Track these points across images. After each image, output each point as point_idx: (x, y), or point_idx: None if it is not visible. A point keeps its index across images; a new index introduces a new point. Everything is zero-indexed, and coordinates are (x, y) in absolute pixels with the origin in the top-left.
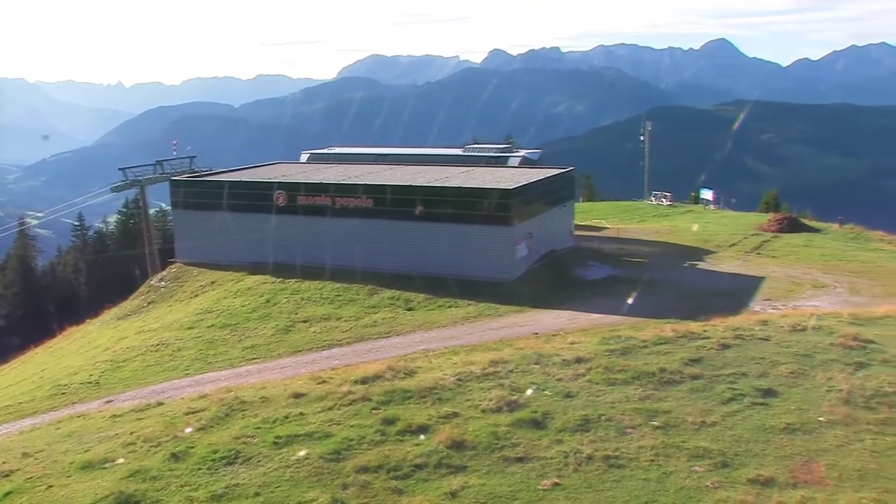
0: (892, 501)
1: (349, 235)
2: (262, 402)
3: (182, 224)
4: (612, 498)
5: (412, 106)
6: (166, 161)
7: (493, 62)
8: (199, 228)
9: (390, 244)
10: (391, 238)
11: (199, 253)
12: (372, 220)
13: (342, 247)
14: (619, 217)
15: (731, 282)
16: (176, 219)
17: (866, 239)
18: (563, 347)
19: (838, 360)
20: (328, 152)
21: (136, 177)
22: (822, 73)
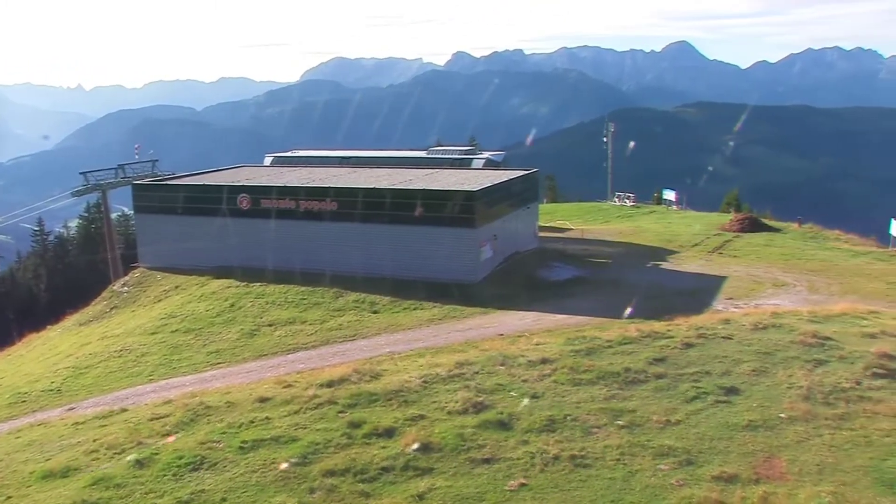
0: (848, 494)
1: (313, 239)
2: (227, 406)
3: (145, 228)
4: (578, 497)
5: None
6: (128, 165)
7: (457, 64)
8: (163, 233)
9: (355, 247)
10: (356, 241)
11: (163, 257)
12: (336, 223)
13: (307, 250)
14: (582, 218)
15: (694, 281)
16: (138, 223)
17: (824, 238)
18: (529, 348)
19: (798, 357)
20: (292, 155)
21: (98, 181)
22: (780, 75)
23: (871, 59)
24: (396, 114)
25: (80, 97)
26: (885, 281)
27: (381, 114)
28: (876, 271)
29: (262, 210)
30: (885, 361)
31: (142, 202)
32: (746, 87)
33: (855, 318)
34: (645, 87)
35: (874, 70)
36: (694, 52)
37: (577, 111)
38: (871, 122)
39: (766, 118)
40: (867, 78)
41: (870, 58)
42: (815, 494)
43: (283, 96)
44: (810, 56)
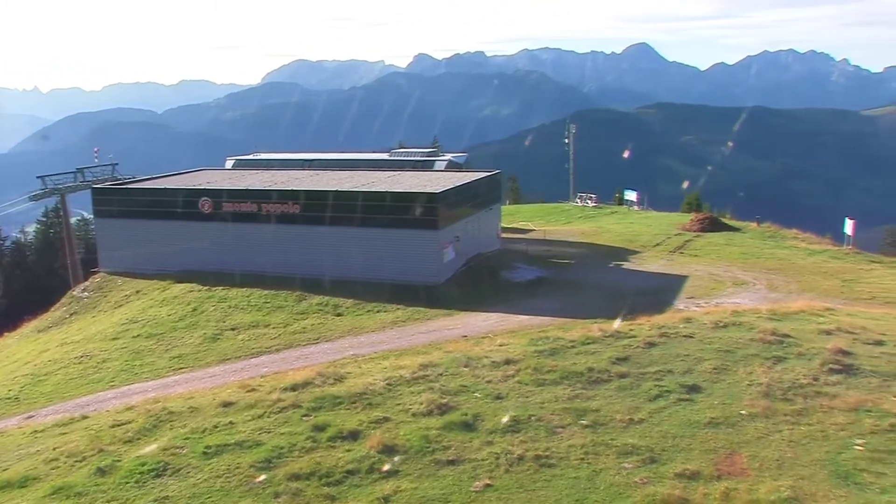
0: (805, 487)
1: (276, 242)
2: (190, 412)
3: (105, 233)
4: (543, 497)
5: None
6: (87, 168)
7: (419, 66)
8: (123, 237)
9: (318, 250)
10: (318, 244)
11: (124, 262)
12: (299, 226)
13: (270, 253)
14: (545, 219)
15: (656, 281)
16: (99, 227)
17: (782, 237)
18: (492, 349)
19: (758, 354)
20: (254, 158)
21: (56, 185)
22: (737, 77)
23: (824, 61)
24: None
25: (36, 100)
26: (840, 278)
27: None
28: (831, 269)
29: (224, 213)
30: (841, 357)
31: (102, 206)
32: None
33: (812, 315)
34: (606, 88)
35: (827, 72)
36: (653, 54)
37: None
38: (825, 123)
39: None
40: (820, 80)
41: (822, 61)
42: (775, 489)
43: (245, 99)
44: (766, 58)
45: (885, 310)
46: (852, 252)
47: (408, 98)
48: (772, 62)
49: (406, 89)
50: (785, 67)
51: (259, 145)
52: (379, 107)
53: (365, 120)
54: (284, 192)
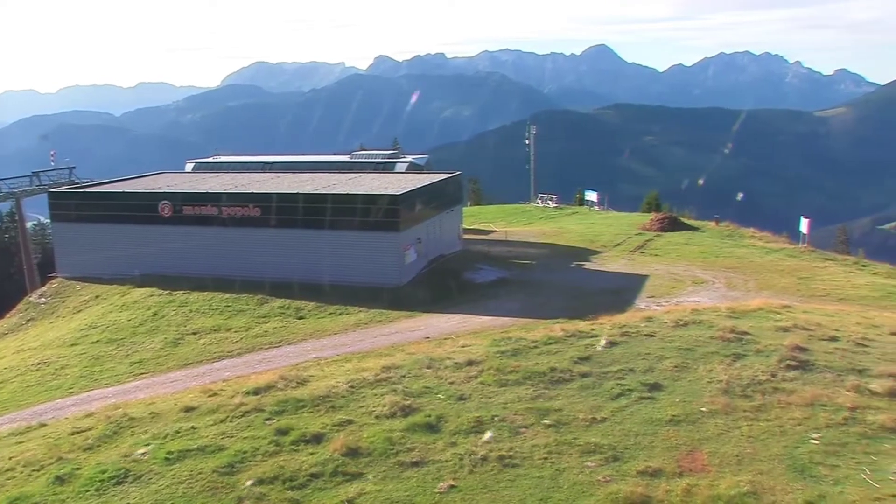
0: (764, 481)
1: (238, 245)
2: (151, 417)
3: (62, 237)
4: (507, 497)
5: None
6: (43, 172)
7: (379, 68)
8: (81, 242)
9: (279, 253)
10: (280, 247)
11: (82, 267)
12: (260, 229)
13: (231, 257)
14: (506, 220)
15: (617, 280)
16: (56, 232)
17: (740, 236)
18: (455, 350)
19: (718, 352)
20: (213, 161)
21: (11, 189)
22: (695, 78)
23: (778, 63)
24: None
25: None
26: (797, 276)
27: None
28: (788, 267)
29: (185, 217)
30: (797, 353)
31: (59, 210)
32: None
33: (770, 312)
34: (565, 89)
35: (781, 74)
36: (612, 56)
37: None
38: (780, 124)
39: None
40: (775, 81)
41: (777, 62)
42: (735, 484)
43: (204, 101)
44: (723, 60)
45: (839, 306)
46: (807, 250)
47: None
48: (728, 64)
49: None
50: (741, 69)
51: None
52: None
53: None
54: (245, 196)
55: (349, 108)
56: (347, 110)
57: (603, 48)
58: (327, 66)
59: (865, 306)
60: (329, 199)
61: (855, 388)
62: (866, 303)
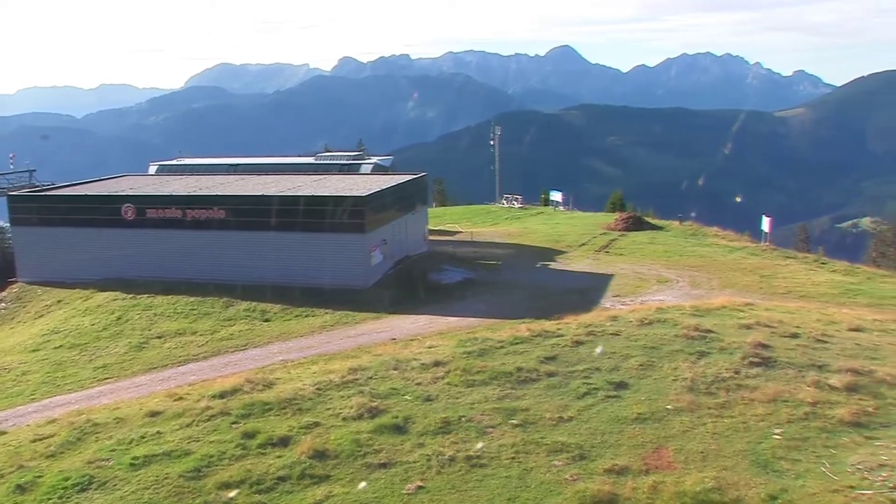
0: (729, 477)
1: (202, 248)
2: (116, 423)
3: (23, 242)
4: (475, 497)
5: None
6: (2, 175)
7: (344, 69)
8: (43, 246)
9: (245, 255)
10: (245, 249)
11: (44, 271)
12: (225, 232)
13: (196, 260)
14: (472, 221)
15: (582, 280)
16: (16, 236)
17: (703, 235)
18: (422, 351)
19: (682, 350)
20: (177, 163)
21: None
22: (658, 78)
23: (739, 64)
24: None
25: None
26: (759, 274)
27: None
28: (750, 265)
29: (148, 220)
30: (760, 350)
31: (19, 214)
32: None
33: (733, 310)
34: (530, 90)
35: (742, 75)
36: (576, 56)
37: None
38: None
39: (646, 120)
40: (737, 82)
41: (738, 63)
42: (700, 480)
43: (167, 103)
44: (685, 61)
45: (800, 303)
46: (769, 248)
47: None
48: (690, 65)
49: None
50: (703, 70)
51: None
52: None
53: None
54: (210, 198)
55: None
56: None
57: (567, 49)
58: (292, 68)
59: (825, 303)
60: (294, 200)
61: (815, 383)
62: (825, 300)
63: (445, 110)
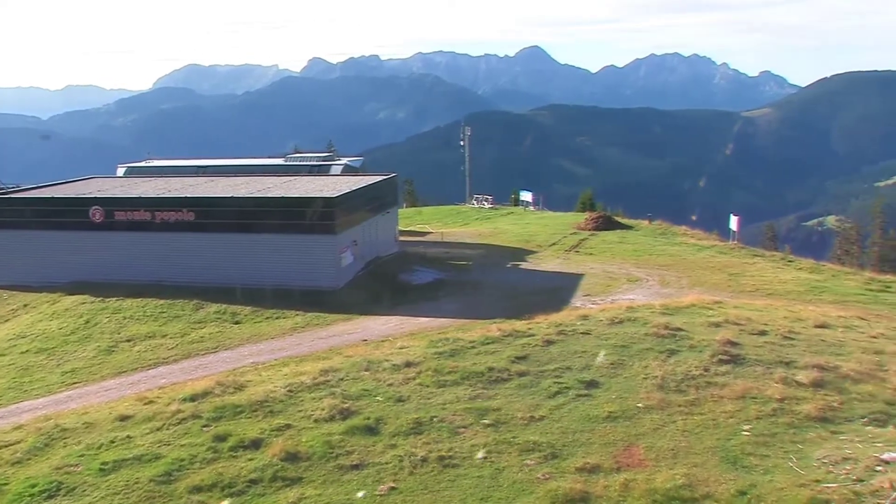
0: (699, 473)
1: (172, 250)
2: (85, 427)
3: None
4: (448, 497)
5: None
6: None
7: (313, 70)
8: (8, 249)
9: (214, 257)
10: (215, 251)
11: (9, 275)
12: (195, 234)
13: (165, 262)
14: (442, 221)
15: (553, 280)
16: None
17: (672, 234)
18: (393, 352)
19: (652, 348)
20: (146, 165)
21: None
22: (626, 79)
23: (706, 65)
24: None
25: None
26: (727, 273)
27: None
28: (719, 264)
29: (117, 222)
30: (729, 348)
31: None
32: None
33: (702, 308)
34: (500, 90)
35: (710, 75)
36: (546, 57)
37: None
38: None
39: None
40: (704, 82)
41: (705, 64)
42: (671, 477)
43: (135, 104)
44: (654, 61)
45: (768, 301)
46: (737, 247)
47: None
48: (659, 65)
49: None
50: (671, 70)
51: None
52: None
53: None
54: (179, 200)
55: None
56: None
57: (536, 49)
58: (261, 69)
59: (792, 300)
60: (264, 202)
61: (783, 379)
62: (792, 297)
63: (415, 111)
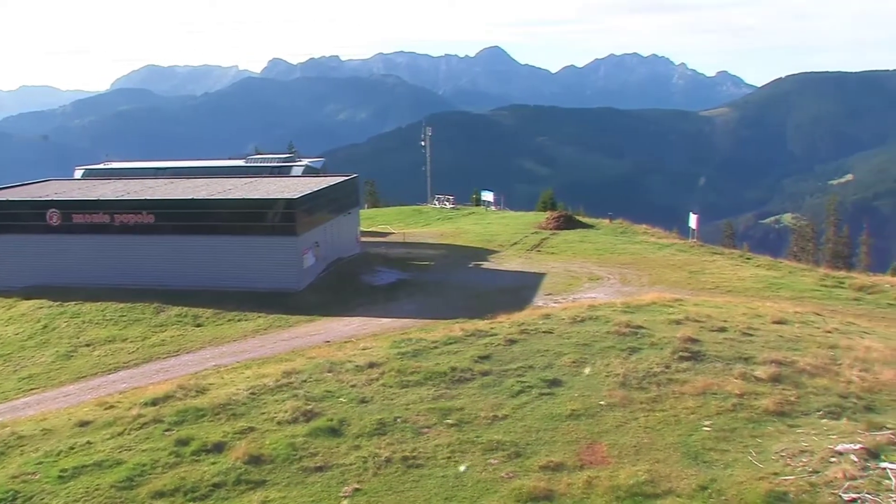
0: (661, 469)
1: (132, 253)
2: (42, 434)
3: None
4: (412, 498)
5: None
6: None
7: (273, 71)
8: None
9: (175, 260)
10: (176, 253)
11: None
12: (155, 236)
13: (125, 265)
14: (404, 222)
15: (515, 279)
16: None
17: (633, 232)
18: (356, 353)
19: (614, 346)
20: (105, 167)
21: None
22: (586, 79)
23: (665, 65)
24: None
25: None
26: (687, 270)
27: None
28: (679, 262)
29: (75, 225)
30: (689, 345)
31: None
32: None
33: (663, 306)
34: (460, 91)
35: (668, 75)
36: (506, 57)
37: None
38: (668, 123)
39: (575, 119)
40: (663, 82)
41: (664, 64)
42: (634, 474)
43: (93, 106)
44: (613, 61)
45: (727, 298)
46: (697, 245)
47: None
48: (618, 65)
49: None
50: (630, 70)
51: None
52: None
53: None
54: (138, 202)
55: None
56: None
57: (497, 50)
58: (220, 69)
59: (750, 297)
60: (225, 204)
61: (742, 375)
62: (751, 294)
63: (376, 112)
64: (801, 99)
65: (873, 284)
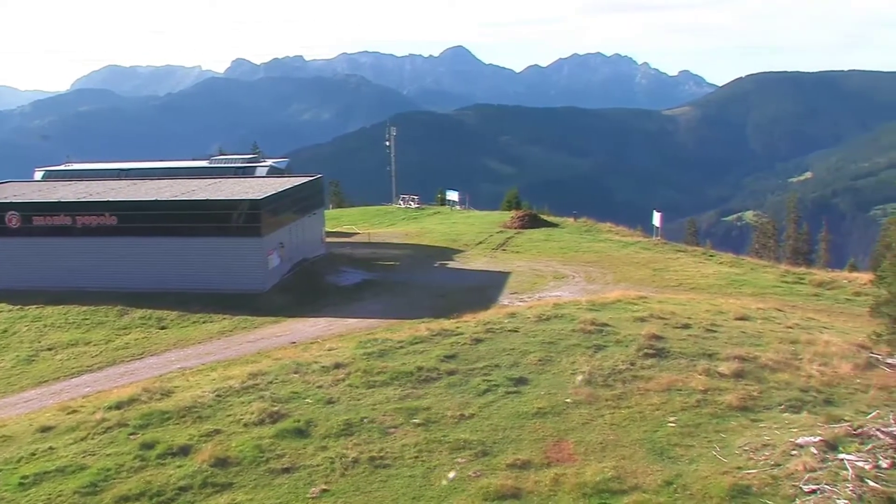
0: (627, 466)
1: (94, 255)
2: (2, 441)
3: None
4: (380, 498)
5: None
6: None
7: (237, 71)
8: None
9: (139, 262)
10: (139, 255)
11: None
12: (117, 238)
13: (87, 268)
14: (369, 222)
15: (480, 278)
16: None
17: (597, 231)
18: (322, 354)
19: (580, 344)
20: (66, 169)
21: None
22: (550, 78)
23: (628, 65)
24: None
25: None
26: (651, 268)
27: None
28: (643, 259)
29: (35, 228)
30: (654, 342)
31: None
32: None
33: (627, 304)
34: (425, 90)
35: (631, 75)
36: (470, 57)
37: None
38: (631, 122)
39: (539, 119)
40: (626, 82)
41: (626, 64)
42: (600, 470)
43: (53, 106)
44: (576, 61)
45: (690, 295)
46: (660, 243)
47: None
48: (581, 64)
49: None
50: (594, 70)
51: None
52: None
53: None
54: (100, 204)
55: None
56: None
57: (460, 49)
58: (183, 69)
59: (713, 294)
60: (189, 205)
61: (706, 371)
62: (714, 291)
63: (340, 112)
64: (761, 98)
65: (832, 280)
